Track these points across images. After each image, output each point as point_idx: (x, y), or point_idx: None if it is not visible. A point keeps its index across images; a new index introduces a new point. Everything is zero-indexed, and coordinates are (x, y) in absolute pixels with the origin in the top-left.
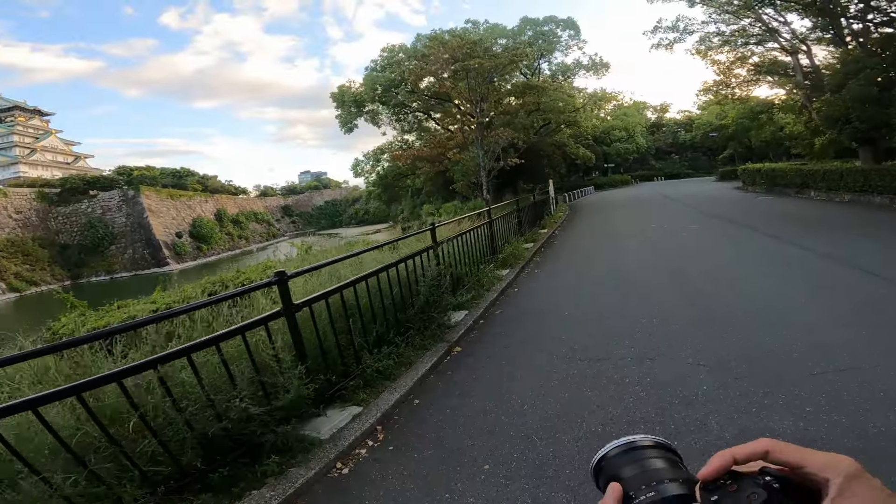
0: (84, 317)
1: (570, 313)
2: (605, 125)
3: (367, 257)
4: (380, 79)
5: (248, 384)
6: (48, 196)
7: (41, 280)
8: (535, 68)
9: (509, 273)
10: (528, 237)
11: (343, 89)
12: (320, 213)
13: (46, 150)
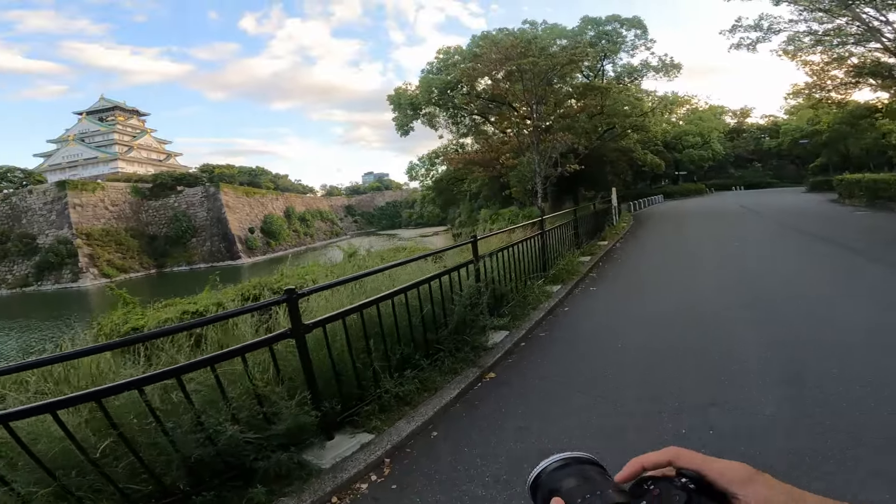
0: (130, 314)
1: (624, 344)
2: (676, 130)
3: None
4: (435, 81)
5: (248, 407)
6: (141, 190)
7: (130, 268)
8: (597, 70)
9: (560, 290)
10: (585, 250)
11: (399, 92)
12: (381, 214)
13: (142, 147)
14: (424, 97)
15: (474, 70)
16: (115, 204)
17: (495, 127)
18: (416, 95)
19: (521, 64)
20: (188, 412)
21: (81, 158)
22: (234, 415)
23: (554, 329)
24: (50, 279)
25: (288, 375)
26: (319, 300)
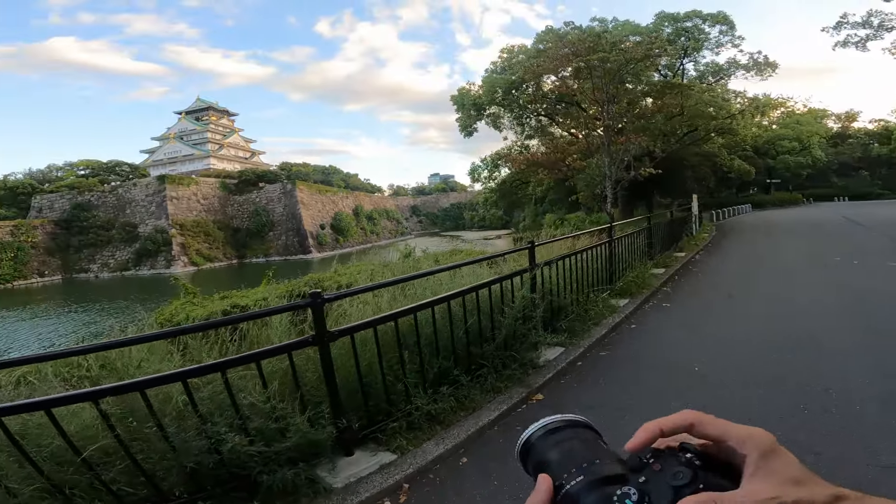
0: (191, 304)
1: (701, 371)
2: (769, 134)
3: (447, 273)
4: (499, 81)
5: (261, 415)
6: (228, 186)
7: (215, 257)
8: (676, 68)
9: (628, 304)
10: (659, 261)
11: (462, 92)
12: (445, 215)
13: (231, 146)
14: (488, 97)
15: (539, 67)
16: (205, 198)
17: (562, 128)
18: (480, 96)
19: (589, 60)
20: (193, 417)
21: (180, 155)
22: (243, 424)
23: (617, 348)
24: (146, 265)
25: (310, 385)
26: (355, 303)
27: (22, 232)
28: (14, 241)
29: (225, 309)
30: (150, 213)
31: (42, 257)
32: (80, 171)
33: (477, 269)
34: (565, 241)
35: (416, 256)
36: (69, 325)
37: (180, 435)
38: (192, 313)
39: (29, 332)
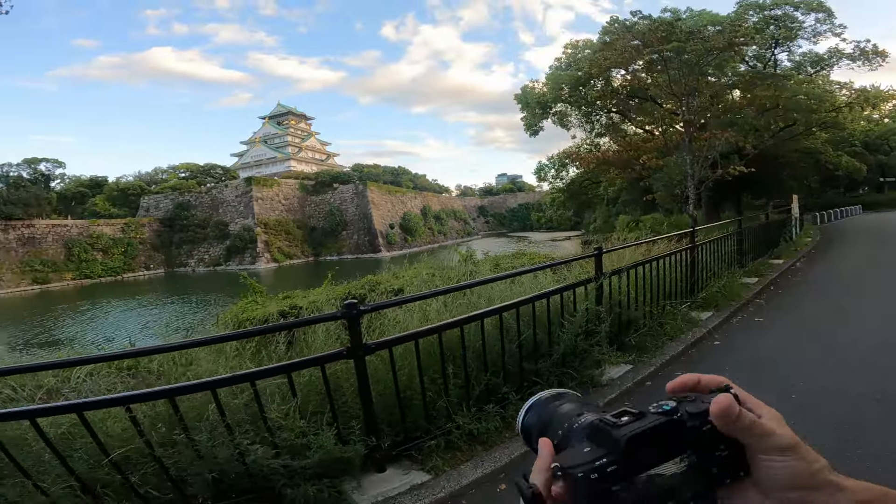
0: (255, 304)
1: (800, 400)
2: (881, 129)
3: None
4: (564, 77)
5: (289, 428)
6: (306, 187)
7: (294, 255)
8: (767, 59)
9: (712, 317)
10: (751, 269)
11: (526, 90)
12: (513, 216)
13: (308, 148)
14: (553, 95)
15: (606, 60)
16: (286, 198)
17: (636, 125)
18: (544, 93)
19: (662, 51)
20: (221, 426)
21: (264, 158)
22: (270, 436)
23: (695, 367)
24: (235, 261)
25: (347, 396)
26: (404, 310)
27: (131, 229)
28: (125, 238)
29: (283, 309)
30: (239, 212)
31: (148, 252)
32: (181, 174)
33: (538, 276)
34: (639, 246)
35: (477, 259)
36: (169, 315)
37: (207, 443)
38: (253, 314)
39: (135, 321)
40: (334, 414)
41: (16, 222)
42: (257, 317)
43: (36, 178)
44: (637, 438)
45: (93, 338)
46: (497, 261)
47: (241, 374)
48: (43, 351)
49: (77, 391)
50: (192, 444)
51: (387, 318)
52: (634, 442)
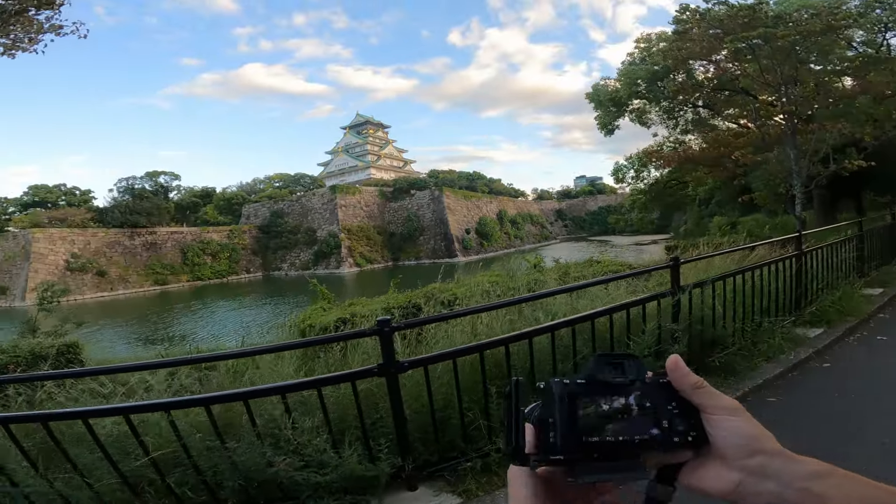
0: (321, 310)
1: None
2: None
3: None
4: (638, 72)
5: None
6: (385, 194)
7: (374, 259)
8: (879, 44)
9: (822, 336)
10: (873, 278)
11: (598, 88)
12: (593, 219)
13: (386, 156)
14: (627, 91)
15: (681, 51)
16: (367, 205)
17: (727, 120)
18: (617, 90)
19: (748, 38)
20: (252, 434)
21: (347, 167)
22: (296, 448)
23: (794, 393)
24: (322, 265)
25: (381, 412)
26: (447, 325)
27: (235, 235)
28: (230, 243)
29: (344, 317)
30: (325, 219)
31: (248, 257)
32: (276, 184)
33: (610, 287)
34: (731, 254)
35: (544, 267)
36: (266, 315)
37: (238, 450)
38: (316, 321)
39: (238, 319)
40: (364, 431)
41: (141, 230)
42: (319, 323)
43: (157, 189)
44: (604, 357)
45: (203, 334)
46: (566, 269)
47: (271, 386)
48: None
49: (126, 394)
50: (225, 451)
51: (439, 331)
52: (602, 359)
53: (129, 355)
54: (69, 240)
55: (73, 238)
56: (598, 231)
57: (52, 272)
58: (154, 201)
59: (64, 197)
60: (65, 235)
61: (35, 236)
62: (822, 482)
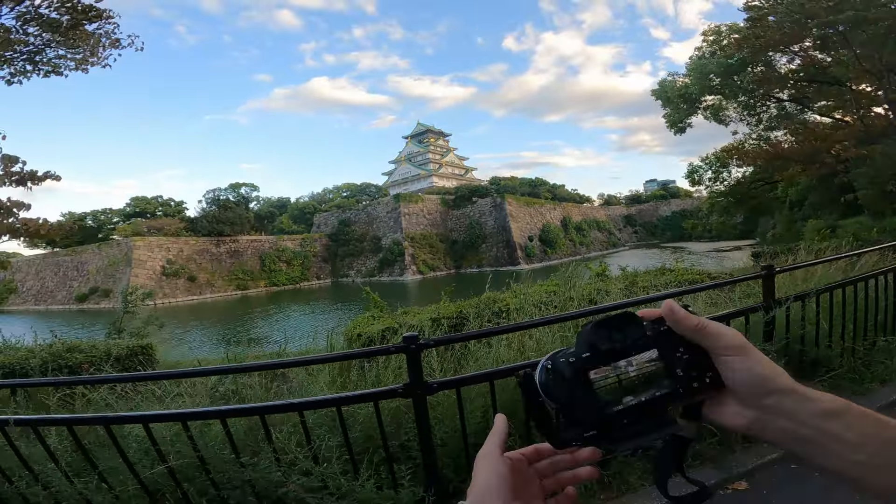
0: (372, 319)
1: None
2: None
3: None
4: (710, 66)
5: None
6: (447, 201)
7: (437, 267)
8: None
9: None
10: None
11: (665, 85)
12: (665, 224)
13: (448, 164)
14: (699, 86)
15: (759, 39)
16: (429, 213)
17: (819, 113)
18: (687, 85)
19: (834, 22)
20: (269, 449)
21: (409, 175)
22: (307, 470)
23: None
24: (386, 272)
25: (410, 435)
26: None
27: (307, 244)
28: (302, 251)
29: (393, 326)
30: (390, 227)
31: (319, 264)
32: (344, 193)
33: (685, 300)
34: (835, 261)
35: (609, 275)
36: (333, 320)
37: (254, 466)
38: (365, 329)
39: (310, 323)
40: (388, 454)
41: (225, 238)
42: (367, 333)
43: (238, 200)
44: (601, 323)
45: (277, 337)
46: (634, 278)
47: (288, 402)
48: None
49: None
50: (239, 466)
51: (484, 347)
52: (599, 326)
53: (198, 356)
54: (165, 247)
55: (169, 245)
56: (672, 237)
57: (151, 276)
58: (236, 211)
59: (161, 208)
60: (161, 243)
61: (136, 244)
62: (837, 421)
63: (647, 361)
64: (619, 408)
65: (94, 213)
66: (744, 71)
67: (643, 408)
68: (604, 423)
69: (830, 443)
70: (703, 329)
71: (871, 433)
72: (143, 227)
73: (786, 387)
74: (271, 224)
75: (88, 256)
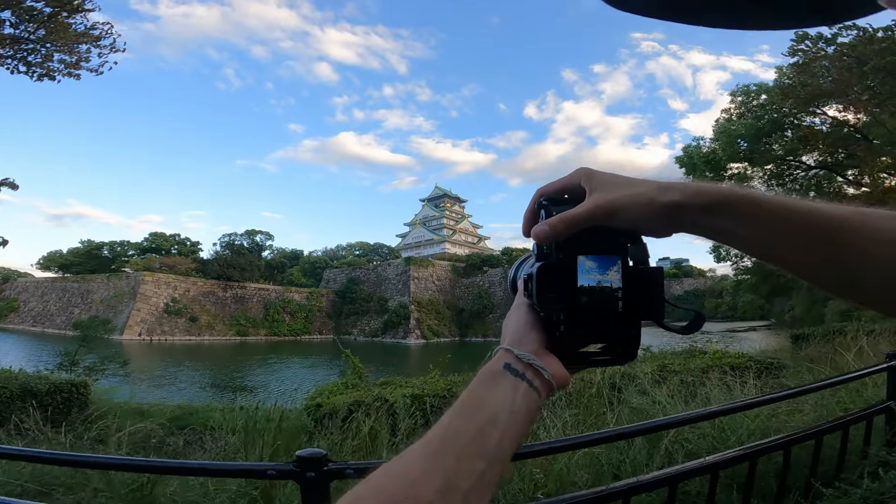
0: (345, 387)
1: None
2: None
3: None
4: (739, 130)
5: None
6: (457, 269)
7: (441, 333)
8: None
9: None
10: None
11: (690, 150)
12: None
13: (461, 231)
14: (728, 151)
15: (804, 87)
16: (439, 279)
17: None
18: (715, 151)
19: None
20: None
21: (423, 240)
22: None
23: None
24: (389, 334)
25: None
26: None
27: (313, 298)
28: (308, 304)
29: (364, 400)
30: (398, 290)
31: (323, 319)
32: (356, 252)
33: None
34: None
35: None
36: (335, 374)
37: None
38: (329, 400)
39: (312, 377)
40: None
41: (233, 283)
42: (329, 404)
43: (253, 247)
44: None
45: (276, 387)
46: (662, 360)
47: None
48: (235, 394)
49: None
50: None
51: None
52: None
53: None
54: (172, 285)
55: (177, 284)
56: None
57: (152, 313)
58: (249, 258)
59: (176, 246)
60: (169, 281)
61: (145, 279)
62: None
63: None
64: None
65: (111, 244)
66: (777, 133)
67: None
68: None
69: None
70: (579, 220)
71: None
72: (155, 263)
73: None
74: (281, 274)
75: (96, 286)
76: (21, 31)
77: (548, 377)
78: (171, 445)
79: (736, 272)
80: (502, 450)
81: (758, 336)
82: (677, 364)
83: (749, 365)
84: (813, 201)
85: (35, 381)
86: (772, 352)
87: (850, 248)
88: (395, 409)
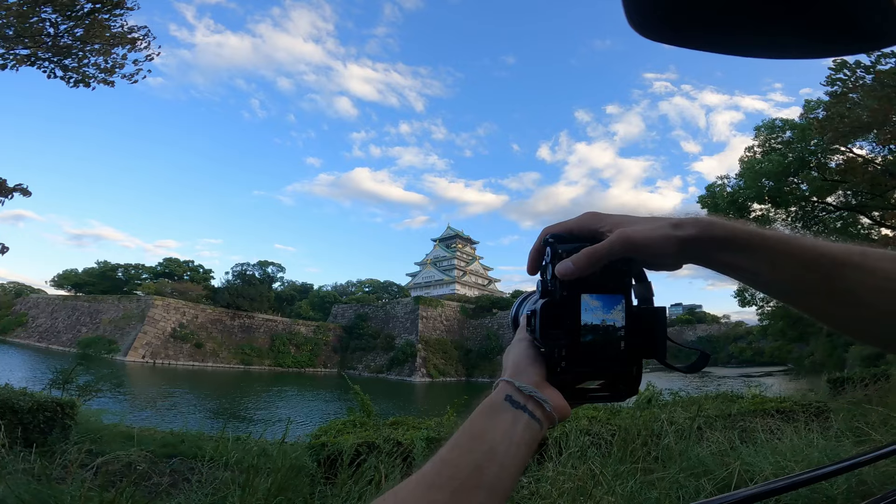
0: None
1: None
2: None
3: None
4: (765, 168)
5: None
6: (466, 310)
7: (447, 373)
8: None
9: None
10: None
11: (713, 190)
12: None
13: (472, 272)
14: (753, 190)
15: (843, 119)
16: (447, 320)
17: (878, 222)
18: (739, 190)
19: None
20: None
21: (433, 280)
22: None
23: None
24: (395, 371)
25: None
26: None
27: (320, 332)
28: (314, 338)
29: (373, 441)
30: (406, 327)
31: (328, 353)
32: (366, 289)
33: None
34: None
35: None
36: (338, 412)
37: None
38: (335, 440)
39: (321, 409)
40: None
41: (241, 313)
42: (335, 444)
43: (264, 278)
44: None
45: (279, 417)
46: (699, 404)
47: None
48: (237, 422)
49: None
50: None
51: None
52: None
53: (141, 425)
54: (181, 311)
55: (185, 310)
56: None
57: (159, 336)
58: (259, 289)
59: (189, 272)
60: (179, 306)
61: (155, 302)
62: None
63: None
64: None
65: (126, 266)
66: (801, 171)
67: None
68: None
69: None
70: (600, 257)
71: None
72: (167, 288)
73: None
74: (290, 307)
75: (106, 306)
76: (61, 32)
77: (549, 409)
78: (153, 480)
79: (761, 317)
80: (501, 482)
81: (774, 381)
82: (714, 409)
83: (795, 409)
84: (817, 239)
85: (18, 397)
86: (812, 396)
87: (849, 284)
88: (411, 452)
